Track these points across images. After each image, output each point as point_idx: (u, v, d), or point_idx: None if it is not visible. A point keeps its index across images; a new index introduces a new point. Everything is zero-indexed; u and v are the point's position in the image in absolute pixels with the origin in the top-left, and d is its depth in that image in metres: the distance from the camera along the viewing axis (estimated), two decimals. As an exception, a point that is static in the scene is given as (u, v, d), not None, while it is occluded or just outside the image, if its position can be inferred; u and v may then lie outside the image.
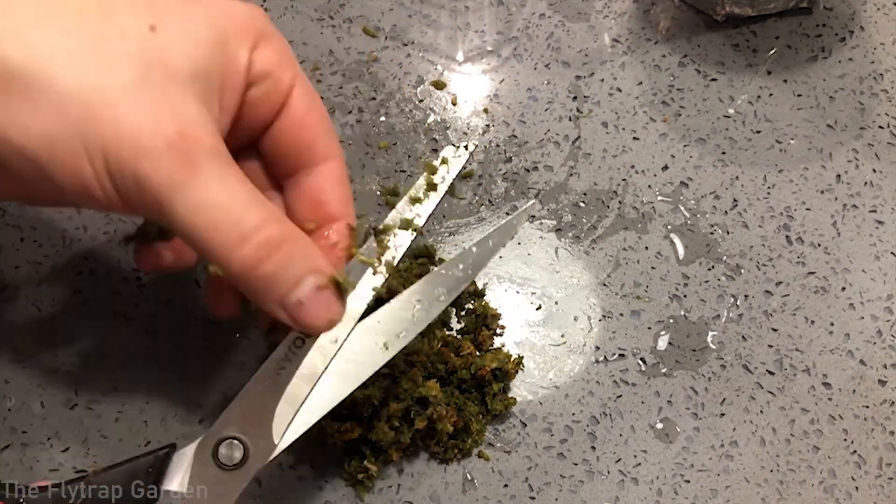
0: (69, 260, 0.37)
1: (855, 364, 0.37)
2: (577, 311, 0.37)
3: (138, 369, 0.35)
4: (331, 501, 0.33)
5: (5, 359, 0.35)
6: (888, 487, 0.34)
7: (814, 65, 0.44)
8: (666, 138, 0.42)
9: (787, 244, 0.39)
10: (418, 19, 0.45)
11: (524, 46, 0.44)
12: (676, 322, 0.37)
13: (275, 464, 0.33)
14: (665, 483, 0.34)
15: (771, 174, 0.41)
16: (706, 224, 0.40)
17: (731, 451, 0.35)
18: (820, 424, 0.35)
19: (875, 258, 0.39)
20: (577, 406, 0.35)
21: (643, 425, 0.35)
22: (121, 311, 0.36)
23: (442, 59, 0.43)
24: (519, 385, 0.35)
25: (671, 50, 0.44)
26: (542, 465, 0.34)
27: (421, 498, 0.33)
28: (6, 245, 0.37)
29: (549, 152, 0.41)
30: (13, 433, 0.33)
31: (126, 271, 0.37)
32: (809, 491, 0.34)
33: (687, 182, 0.41)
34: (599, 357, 0.36)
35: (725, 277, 0.38)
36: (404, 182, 0.40)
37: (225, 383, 0.35)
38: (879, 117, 0.43)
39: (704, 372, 0.36)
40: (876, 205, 0.40)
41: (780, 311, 0.38)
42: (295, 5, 0.44)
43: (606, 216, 0.40)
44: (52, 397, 0.34)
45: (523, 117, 0.42)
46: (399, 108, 0.42)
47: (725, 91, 0.43)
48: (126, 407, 0.34)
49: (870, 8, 0.46)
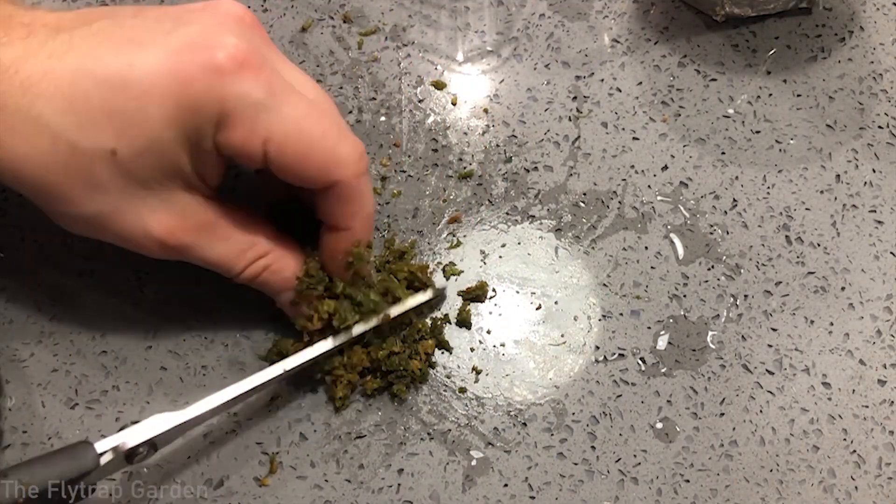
0: (69, 260, 0.37)
1: (854, 364, 0.37)
2: (577, 310, 0.37)
3: (138, 369, 0.35)
4: (331, 501, 0.33)
5: (5, 359, 0.35)
6: (888, 487, 0.34)
7: (813, 65, 0.44)
8: (666, 138, 0.42)
9: (787, 244, 0.39)
10: (418, 19, 0.45)
11: (524, 46, 0.44)
12: (676, 322, 0.37)
13: (275, 463, 0.33)
14: (665, 483, 0.34)
15: (771, 174, 0.41)
16: (706, 224, 0.40)
17: (730, 450, 0.35)
18: (819, 424, 0.35)
19: (875, 258, 0.39)
20: (577, 406, 0.35)
21: (643, 425, 0.35)
22: (121, 311, 0.36)
23: (442, 60, 0.43)
24: (519, 384, 0.35)
25: (671, 50, 0.44)
26: (542, 464, 0.34)
27: (421, 498, 0.33)
28: (6, 245, 0.37)
29: (548, 152, 0.41)
30: (13, 433, 0.33)
31: (126, 271, 0.37)
32: (809, 490, 0.34)
33: (687, 182, 0.41)
34: (599, 357, 0.36)
35: (725, 277, 0.38)
36: (404, 182, 0.40)
37: (225, 383, 0.35)
38: (879, 117, 0.43)
39: (704, 372, 0.36)
40: (876, 205, 0.40)
41: (780, 311, 0.38)
42: (295, 5, 0.44)
43: (606, 216, 0.40)
44: (52, 397, 0.34)
45: (523, 117, 0.42)
46: (399, 108, 0.42)
47: (725, 91, 0.43)
48: (126, 407, 0.34)
49: (869, 8, 0.46)
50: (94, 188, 0.28)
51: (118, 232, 0.30)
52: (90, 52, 0.28)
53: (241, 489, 0.33)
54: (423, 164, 0.40)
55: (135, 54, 0.28)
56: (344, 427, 0.34)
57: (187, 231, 0.31)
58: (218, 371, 0.35)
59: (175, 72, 0.27)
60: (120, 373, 0.35)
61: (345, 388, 0.34)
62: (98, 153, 0.28)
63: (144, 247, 0.31)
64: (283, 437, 0.34)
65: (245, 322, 0.36)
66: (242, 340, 0.36)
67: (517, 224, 0.39)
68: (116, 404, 0.34)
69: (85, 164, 0.28)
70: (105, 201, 0.29)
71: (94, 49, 0.28)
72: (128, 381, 0.35)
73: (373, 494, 0.33)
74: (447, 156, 0.41)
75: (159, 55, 0.28)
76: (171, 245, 0.30)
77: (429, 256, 0.38)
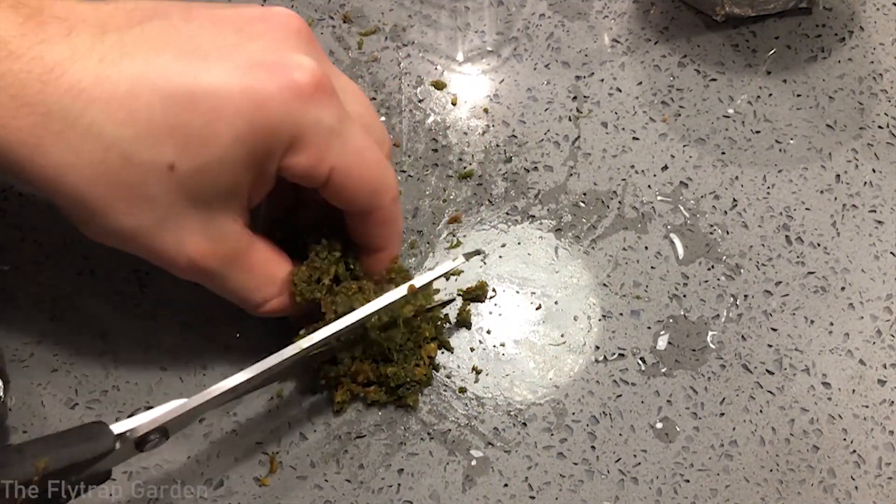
0: (69, 260, 0.37)
1: (854, 364, 0.37)
2: (577, 310, 0.37)
3: (138, 369, 0.35)
4: (331, 501, 0.33)
5: (5, 359, 0.35)
6: (887, 487, 0.34)
7: (813, 65, 0.44)
8: (666, 138, 0.42)
9: (787, 244, 0.39)
10: (418, 19, 0.45)
11: (524, 46, 0.44)
12: (676, 322, 0.37)
13: (275, 463, 0.33)
14: (665, 483, 0.34)
15: (770, 174, 0.41)
16: (706, 224, 0.40)
17: (730, 450, 0.35)
18: (819, 424, 0.35)
19: (875, 258, 0.39)
20: (577, 406, 0.35)
21: (643, 425, 0.35)
22: (121, 311, 0.36)
23: (442, 60, 0.43)
24: (519, 384, 0.35)
25: (671, 50, 0.44)
26: (542, 464, 0.34)
27: (421, 497, 0.33)
28: (6, 245, 0.37)
29: (548, 152, 0.41)
30: (13, 433, 0.33)
31: (126, 271, 0.37)
32: (809, 490, 0.34)
33: (686, 182, 0.41)
34: (599, 357, 0.36)
35: (725, 277, 0.38)
36: (404, 182, 0.40)
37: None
38: (879, 117, 0.43)
39: (704, 372, 0.36)
40: (875, 205, 0.40)
41: (780, 311, 0.38)
42: (295, 5, 0.44)
43: (606, 216, 0.40)
44: (52, 397, 0.34)
45: (523, 117, 0.42)
46: (399, 108, 0.42)
47: (725, 91, 0.43)
48: (126, 406, 0.34)
49: (869, 8, 0.46)
50: (141, 203, 0.27)
51: (152, 247, 0.29)
52: (149, 60, 0.26)
53: (241, 489, 0.33)
54: (423, 164, 0.40)
55: (201, 66, 0.27)
56: (344, 427, 0.34)
57: (219, 258, 0.30)
58: (218, 371, 0.35)
59: (250, 91, 0.27)
60: (120, 373, 0.35)
61: (344, 394, 0.34)
62: (155, 167, 0.26)
63: (173, 265, 0.30)
64: (283, 437, 0.34)
65: (245, 322, 0.36)
66: (242, 341, 0.36)
67: (517, 224, 0.39)
68: (116, 404, 0.34)
69: (138, 178, 0.27)
70: (149, 217, 0.28)
71: (154, 57, 0.26)
72: (128, 381, 0.35)
73: (373, 494, 0.33)
74: (447, 156, 0.41)
75: (230, 71, 0.27)
76: (201, 268, 0.30)
77: (429, 256, 0.38)
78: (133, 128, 0.26)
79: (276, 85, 0.27)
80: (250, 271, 0.31)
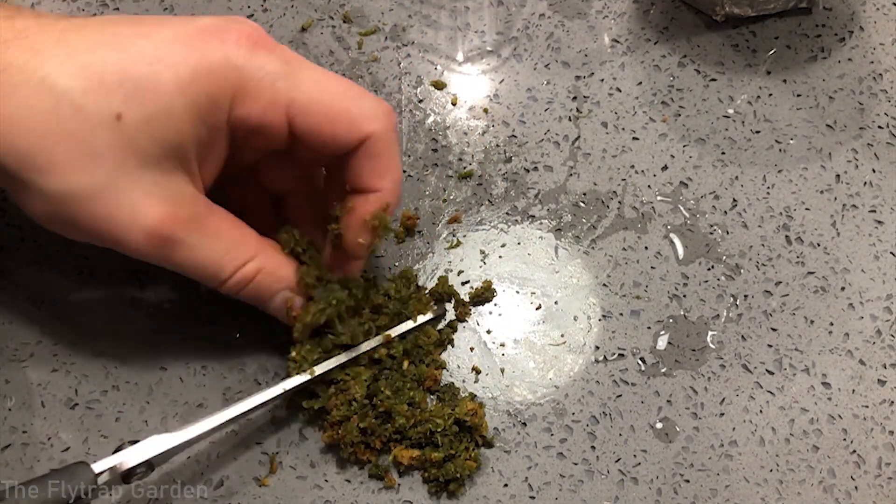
0: (69, 260, 0.37)
1: (854, 364, 0.37)
2: (577, 310, 0.37)
3: (139, 369, 0.35)
4: (331, 501, 0.33)
5: (5, 359, 0.35)
6: (887, 487, 0.34)
7: (813, 65, 0.44)
8: (665, 138, 0.42)
9: (787, 244, 0.39)
10: (418, 19, 0.45)
11: (524, 46, 0.44)
12: (676, 322, 0.37)
13: (275, 463, 0.33)
14: (665, 483, 0.34)
15: (770, 174, 0.41)
16: (706, 224, 0.40)
17: (730, 450, 0.35)
18: (819, 424, 0.35)
19: (874, 258, 0.39)
20: (577, 406, 0.35)
21: (643, 425, 0.35)
22: (121, 311, 0.36)
23: (442, 59, 0.43)
24: (519, 384, 0.35)
25: (671, 50, 0.44)
26: (542, 464, 0.34)
27: (421, 497, 0.33)
28: (6, 245, 0.37)
29: (548, 152, 0.41)
30: (13, 433, 0.33)
31: (126, 271, 0.37)
32: (809, 490, 0.34)
33: (686, 182, 0.41)
34: (599, 357, 0.36)
35: (725, 277, 0.38)
36: (404, 182, 0.40)
37: (225, 383, 0.35)
38: (879, 117, 0.43)
39: (704, 372, 0.36)
40: (875, 205, 0.40)
41: (780, 311, 0.38)
42: (295, 5, 0.44)
43: (606, 216, 0.40)
44: (52, 397, 0.34)
45: (523, 117, 0.42)
46: (399, 108, 0.42)
47: (725, 91, 0.43)
48: (126, 407, 0.34)
49: (869, 8, 0.46)
50: (89, 157, 0.27)
51: (103, 216, 0.28)
52: (107, 28, 0.28)
53: (241, 489, 0.33)
54: (423, 164, 0.40)
55: (153, 28, 0.28)
56: (344, 427, 0.34)
57: (180, 222, 0.29)
58: (218, 371, 0.35)
59: (194, 41, 0.28)
60: (120, 373, 0.35)
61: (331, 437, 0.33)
62: (103, 118, 0.27)
63: (128, 238, 0.28)
64: (283, 437, 0.34)
65: (244, 322, 0.36)
66: (242, 341, 0.36)
67: (517, 224, 0.39)
68: (116, 404, 0.34)
69: (86, 129, 0.27)
70: (98, 175, 0.27)
71: (112, 27, 0.29)
72: (128, 381, 0.35)
73: (373, 494, 0.33)
74: (447, 156, 0.41)
75: (177, 30, 0.28)
76: (161, 236, 0.28)
77: (429, 256, 0.38)
78: (85, 80, 0.27)
79: (216, 38, 0.28)
80: (217, 235, 0.30)
